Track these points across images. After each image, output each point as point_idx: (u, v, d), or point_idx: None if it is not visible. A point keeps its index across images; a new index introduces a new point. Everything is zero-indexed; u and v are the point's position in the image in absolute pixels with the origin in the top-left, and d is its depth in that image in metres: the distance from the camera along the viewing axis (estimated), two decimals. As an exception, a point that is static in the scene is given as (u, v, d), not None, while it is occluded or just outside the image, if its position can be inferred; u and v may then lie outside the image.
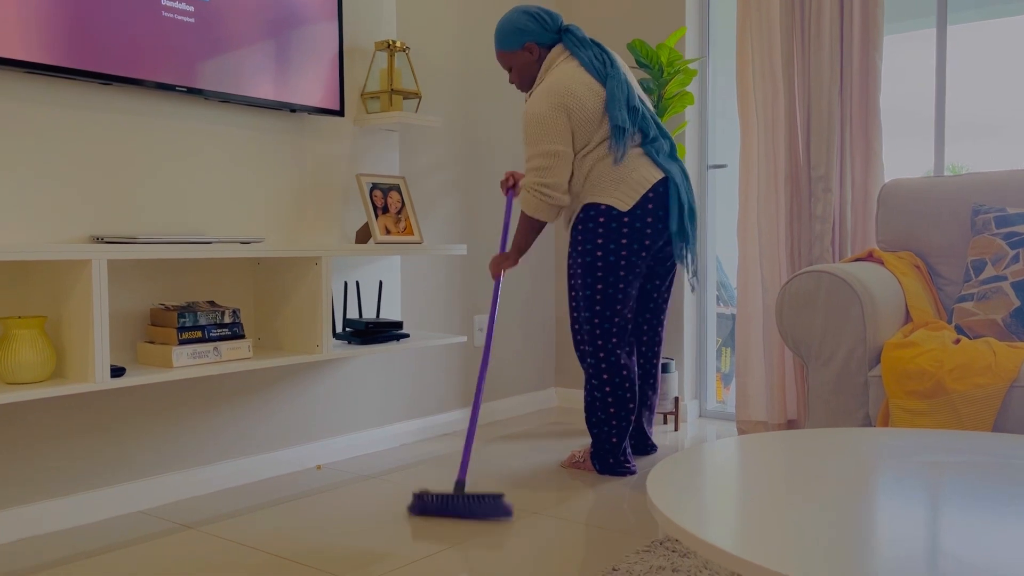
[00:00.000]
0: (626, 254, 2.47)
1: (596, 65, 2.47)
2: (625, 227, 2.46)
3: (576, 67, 2.47)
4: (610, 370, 2.52)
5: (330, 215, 2.73)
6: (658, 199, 2.46)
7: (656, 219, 2.46)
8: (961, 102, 2.91)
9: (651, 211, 2.46)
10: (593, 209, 2.48)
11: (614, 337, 2.51)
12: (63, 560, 1.89)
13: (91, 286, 1.90)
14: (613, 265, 2.47)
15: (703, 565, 1.80)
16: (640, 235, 2.46)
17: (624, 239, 2.46)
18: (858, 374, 2.20)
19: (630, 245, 2.46)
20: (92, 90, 2.13)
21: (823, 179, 2.90)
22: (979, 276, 2.37)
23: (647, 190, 2.44)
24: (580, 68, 2.46)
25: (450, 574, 1.80)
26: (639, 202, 2.44)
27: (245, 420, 2.52)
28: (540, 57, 2.54)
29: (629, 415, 2.54)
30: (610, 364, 2.52)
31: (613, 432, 2.54)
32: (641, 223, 2.45)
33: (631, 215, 2.45)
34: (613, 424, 2.53)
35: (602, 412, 2.54)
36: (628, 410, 2.53)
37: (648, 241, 2.47)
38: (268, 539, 2.02)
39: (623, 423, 2.53)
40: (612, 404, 2.53)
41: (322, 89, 2.58)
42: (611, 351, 2.51)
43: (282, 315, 2.46)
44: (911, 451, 1.31)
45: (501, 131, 3.41)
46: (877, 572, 0.83)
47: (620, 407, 2.53)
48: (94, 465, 2.18)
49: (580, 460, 2.63)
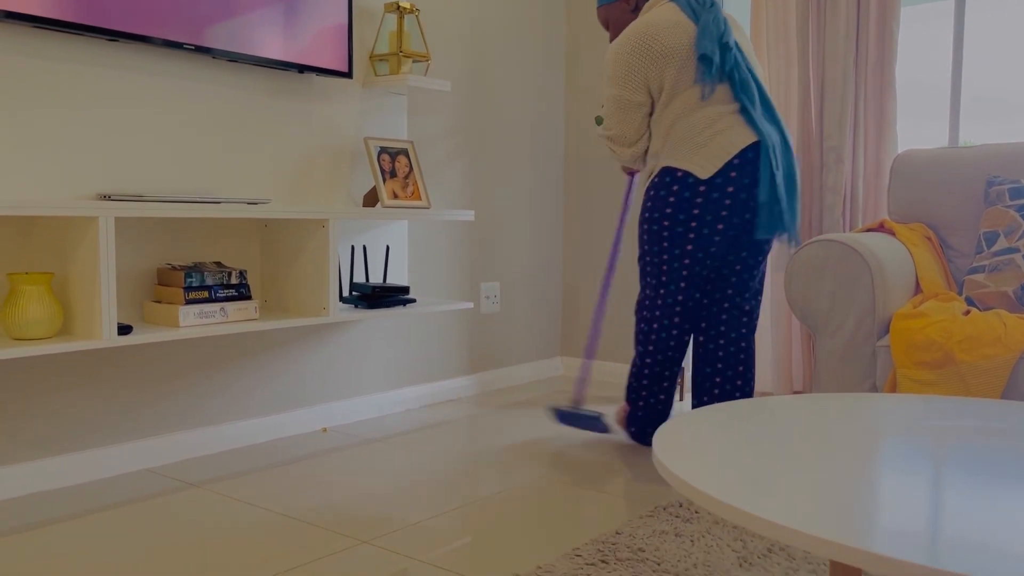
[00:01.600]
0: (696, 226, 2.23)
1: (693, 5, 2.25)
2: (700, 197, 2.21)
3: (669, 8, 2.26)
4: (657, 343, 2.37)
5: (337, 178, 2.71)
6: (745, 166, 2.18)
7: (739, 188, 2.19)
8: (978, 77, 2.87)
9: (734, 180, 2.19)
10: (669, 175, 2.24)
11: (675, 316, 2.34)
12: (71, 516, 1.90)
13: (98, 243, 1.89)
14: (681, 236, 2.26)
15: (706, 530, 1.81)
16: (717, 206, 2.20)
17: (697, 210, 2.22)
18: (866, 344, 2.19)
19: (702, 216, 2.22)
20: (99, 46, 2.12)
21: (835, 150, 2.87)
22: (991, 248, 2.34)
23: (733, 156, 2.18)
24: (673, 7, 2.25)
25: (456, 535, 1.81)
26: (722, 169, 2.18)
27: (251, 382, 2.53)
28: (637, 7, 2.39)
29: (659, 393, 2.42)
30: (660, 339, 2.37)
31: (640, 406, 2.45)
32: (720, 193, 2.19)
33: (709, 184, 2.20)
34: (643, 396, 2.43)
35: (635, 380, 2.44)
36: (661, 388, 2.41)
37: (726, 213, 2.21)
38: (274, 499, 2.03)
39: (651, 399, 2.42)
40: (647, 377, 2.41)
41: (331, 50, 2.56)
42: (665, 327, 2.35)
43: (289, 277, 2.46)
44: (919, 416, 1.31)
45: (511, 96, 3.38)
46: (884, 527, 0.82)
47: (654, 383, 2.41)
48: (101, 423, 2.19)
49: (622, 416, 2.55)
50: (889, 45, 2.82)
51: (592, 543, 1.73)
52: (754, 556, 1.67)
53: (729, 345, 2.41)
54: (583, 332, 3.67)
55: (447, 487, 2.13)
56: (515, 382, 3.49)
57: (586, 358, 2.66)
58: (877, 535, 0.82)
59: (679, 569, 1.61)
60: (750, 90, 2.22)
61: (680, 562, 1.64)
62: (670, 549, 1.71)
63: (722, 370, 2.42)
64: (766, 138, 2.19)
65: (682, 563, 1.64)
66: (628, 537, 1.77)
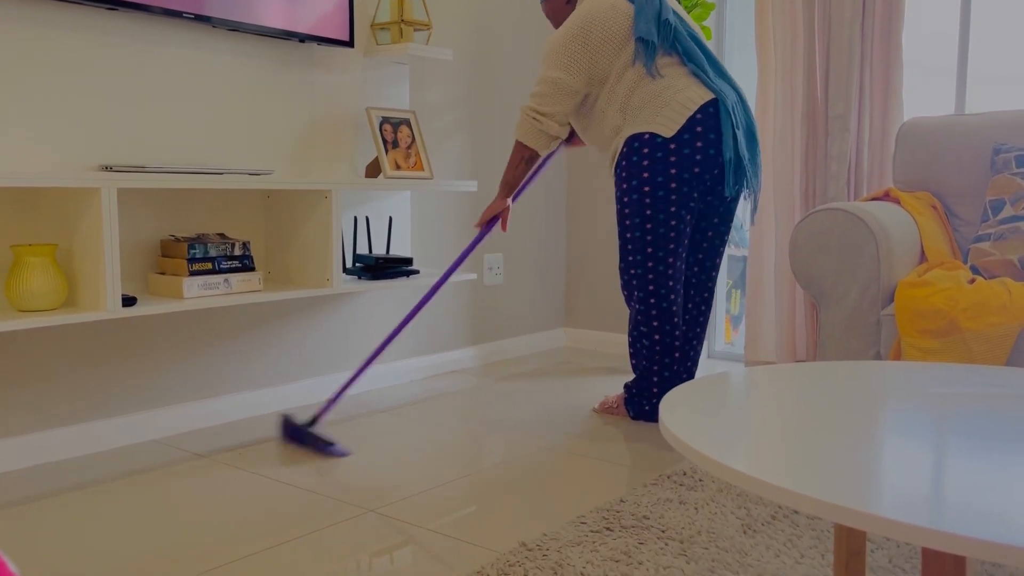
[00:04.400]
0: (675, 186, 2.22)
1: None
2: (672, 155, 2.20)
3: None
4: (661, 316, 2.32)
5: (340, 149, 2.70)
6: (708, 121, 2.19)
7: (707, 143, 2.20)
8: (984, 49, 2.84)
9: (700, 135, 2.19)
10: (636, 140, 2.24)
11: (670, 280, 2.30)
12: (76, 486, 1.92)
13: (101, 215, 1.89)
14: (663, 200, 2.24)
15: (710, 498, 1.82)
16: (689, 162, 2.20)
17: (673, 168, 2.21)
18: (871, 313, 2.19)
19: (680, 175, 2.21)
20: (99, 16, 2.10)
21: (840, 118, 2.85)
22: (997, 216, 2.33)
23: (694, 111, 2.19)
24: None
25: (461, 503, 1.82)
26: (685, 126, 2.19)
27: (255, 353, 2.53)
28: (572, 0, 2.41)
29: (674, 364, 2.37)
30: (661, 311, 2.32)
31: (655, 382, 2.39)
32: (690, 148, 2.19)
33: (677, 140, 2.19)
34: (655, 371, 2.37)
35: (647, 360, 2.37)
36: (674, 359, 2.36)
37: (699, 169, 2.21)
38: (281, 468, 2.04)
39: (666, 372, 2.37)
40: (660, 352, 2.35)
41: (332, 19, 2.53)
42: (664, 296, 2.31)
43: (292, 248, 2.46)
44: (923, 382, 1.31)
45: (514, 66, 3.35)
46: (888, 490, 0.83)
47: (667, 355, 2.35)
48: (106, 394, 2.20)
49: (613, 405, 2.52)
50: (896, 11, 2.79)
51: (597, 511, 1.74)
52: (758, 523, 1.69)
53: (702, 307, 2.45)
54: (587, 303, 3.67)
55: (452, 457, 2.14)
56: (518, 353, 3.49)
57: (350, 379, 2.23)
58: (882, 498, 0.82)
59: (683, 536, 1.62)
60: (697, 56, 2.24)
61: (684, 529, 1.65)
62: (674, 516, 1.72)
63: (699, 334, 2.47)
64: (724, 96, 2.21)
65: (686, 530, 1.65)
66: (632, 505, 1.78)
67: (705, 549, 1.57)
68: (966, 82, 2.82)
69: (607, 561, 1.51)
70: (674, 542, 1.59)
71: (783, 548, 1.57)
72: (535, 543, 1.58)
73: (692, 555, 1.54)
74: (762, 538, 1.62)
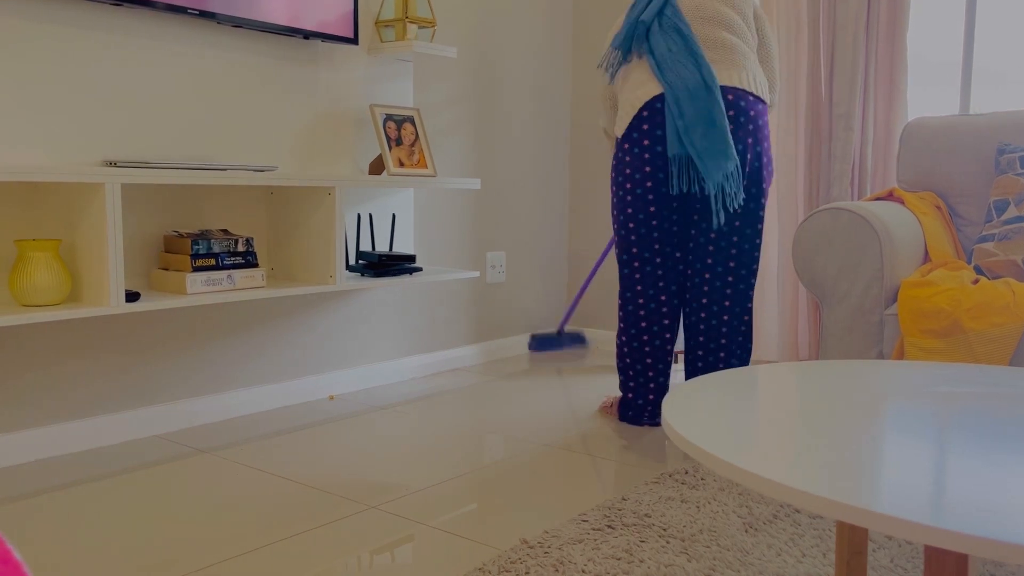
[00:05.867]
0: (630, 186, 2.23)
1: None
2: (626, 155, 2.24)
3: None
4: (627, 319, 2.32)
5: (343, 146, 2.70)
6: (655, 117, 2.18)
7: (654, 140, 2.18)
8: (989, 48, 2.83)
9: (647, 132, 2.19)
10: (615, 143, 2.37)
11: (637, 284, 2.29)
12: (79, 482, 1.92)
13: (105, 210, 1.89)
14: (622, 200, 2.26)
15: (712, 496, 1.82)
16: (639, 161, 2.20)
17: (628, 168, 2.23)
18: (873, 312, 2.18)
19: (632, 175, 2.22)
20: (104, 11, 2.10)
21: (844, 117, 2.85)
22: (1001, 216, 2.33)
23: (639, 108, 2.20)
24: None
25: (462, 500, 1.82)
26: (633, 123, 2.21)
27: (258, 349, 2.54)
28: None
29: (646, 370, 2.33)
30: (627, 312, 2.32)
31: (629, 384, 2.38)
32: (639, 147, 2.20)
33: (628, 139, 2.23)
34: (630, 375, 2.37)
35: (619, 360, 2.39)
36: (645, 364, 2.32)
37: (649, 168, 2.20)
38: (282, 465, 2.04)
39: (639, 377, 2.35)
40: (628, 355, 2.35)
41: (336, 16, 2.53)
42: (629, 299, 2.31)
43: (295, 245, 2.46)
44: (926, 382, 1.30)
45: (518, 64, 3.35)
46: (890, 488, 0.83)
47: (636, 359, 2.33)
48: (109, 389, 2.20)
49: (608, 405, 2.52)
50: (901, 9, 2.78)
51: (598, 508, 1.74)
52: (759, 522, 1.69)
53: (711, 318, 2.29)
54: (589, 302, 3.67)
55: (453, 454, 2.14)
56: (521, 351, 3.49)
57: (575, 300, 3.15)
58: (884, 496, 0.82)
59: (685, 534, 1.62)
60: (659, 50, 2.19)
61: (686, 527, 1.65)
62: (676, 515, 1.72)
63: (704, 343, 2.31)
64: (672, 88, 2.13)
65: (688, 528, 1.65)
66: (634, 503, 1.78)
67: (707, 547, 1.57)
68: (971, 82, 2.82)
69: (608, 559, 1.51)
70: (675, 540, 1.59)
71: (785, 547, 1.57)
72: (536, 540, 1.58)
73: (693, 553, 1.54)
74: (764, 536, 1.62)
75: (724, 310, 2.29)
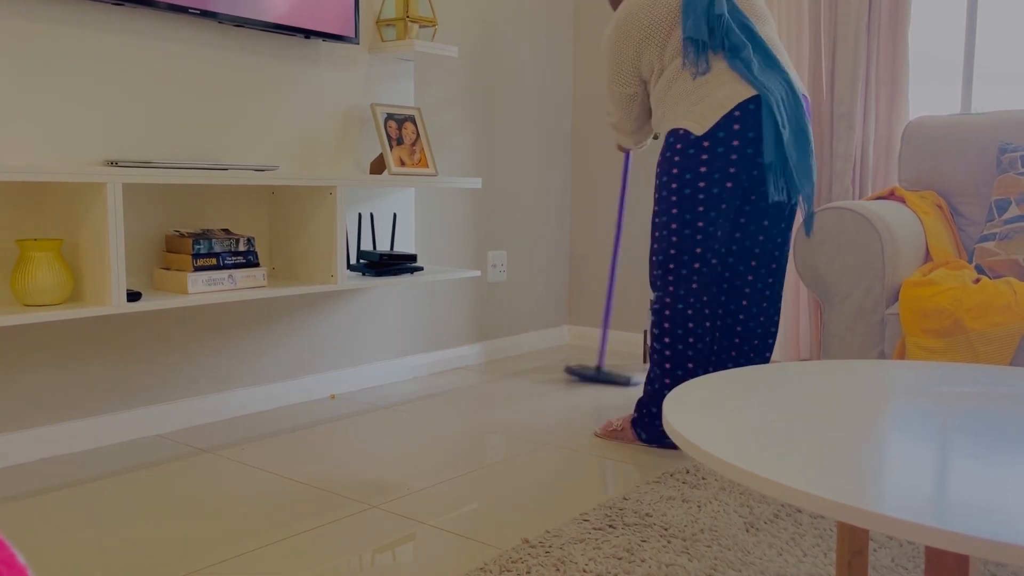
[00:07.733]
0: (704, 185, 2.07)
1: None
2: (704, 153, 2.06)
3: None
4: (673, 319, 2.14)
5: (344, 145, 2.70)
6: (747, 118, 2.04)
7: (745, 143, 2.05)
8: (991, 48, 2.83)
9: (738, 133, 2.04)
10: (672, 135, 2.12)
11: (691, 283, 2.13)
12: (81, 481, 1.92)
13: (106, 210, 1.89)
14: (689, 199, 2.09)
15: (713, 496, 1.82)
16: (723, 162, 2.06)
17: (703, 167, 2.07)
18: (875, 312, 2.18)
19: (710, 175, 2.07)
20: (105, 11, 2.10)
21: (846, 116, 2.84)
22: (1002, 216, 2.33)
23: (731, 109, 2.04)
24: None
25: (463, 500, 1.82)
26: (721, 123, 2.05)
27: (259, 348, 2.54)
28: None
29: (687, 376, 2.16)
30: (675, 312, 2.14)
31: (663, 393, 2.18)
32: (725, 148, 2.05)
33: (711, 138, 2.05)
34: (667, 383, 2.16)
35: (658, 367, 2.18)
36: (687, 370, 2.15)
37: (734, 170, 2.06)
38: (283, 464, 2.04)
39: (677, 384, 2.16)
40: (669, 359, 2.15)
41: (337, 15, 2.53)
42: (680, 298, 2.13)
43: (296, 245, 2.46)
44: (928, 381, 1.30)
45: (519, 63, 3.35)
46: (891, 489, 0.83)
47: (677, 365, 2.15)
48: (111, 389, 2.21)
49: (618, 428, 2.28)
50: (903, 8, 2.78)
51: (600, 508, 1.74)
52: (760, 521, 1.69)
53: (749, 320, 2.25)
54: (590, 301, 3.67)
55: (455, 453, 2.14)
56: (522, 350, 3.50)
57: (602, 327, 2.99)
58: (885, 497, 0.82)
59: (686, 534, 1.62)
60: (743, 50, 2.08)
61: (687, 527, 1.65)
62: (677, 514, 1.72)
63: (739, 344, 2.27)
64: (767, 92, 2.05)
65: (689, 528, 1.65)
66: (635, 502, 1.78)
67: (708, 547, 1.57)
68: (972, 81, 2.82)
69: (609, 558, 1.51)
70: (677, 540, 1.59)
71: (786, 546, 1.57)
72: (538, 540, 1.59)
73: (695, 553, 1.54)
74: (765, 536, 1.62)
75: (761, 311, 2.27)
